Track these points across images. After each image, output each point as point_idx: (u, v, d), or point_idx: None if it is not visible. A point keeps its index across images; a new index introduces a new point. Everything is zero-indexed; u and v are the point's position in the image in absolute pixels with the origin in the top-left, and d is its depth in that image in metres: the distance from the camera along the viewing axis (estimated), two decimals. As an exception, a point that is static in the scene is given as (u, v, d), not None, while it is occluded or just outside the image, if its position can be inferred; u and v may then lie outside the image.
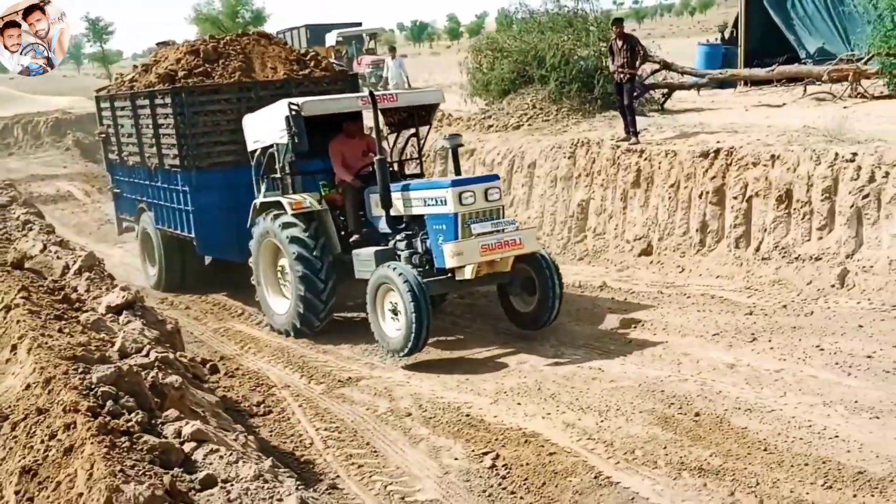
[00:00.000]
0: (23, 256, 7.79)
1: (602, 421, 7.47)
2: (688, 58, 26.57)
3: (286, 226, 10.56)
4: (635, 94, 15.64)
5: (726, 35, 26.23)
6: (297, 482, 5.04)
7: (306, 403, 8.59)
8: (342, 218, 10.86)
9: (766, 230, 12.20)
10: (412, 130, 11.74)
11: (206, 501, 3.60)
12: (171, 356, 5.83)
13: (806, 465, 6.31)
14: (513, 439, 7.31)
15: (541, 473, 6.68)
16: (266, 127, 11.04)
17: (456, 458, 7.10)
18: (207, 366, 9.52)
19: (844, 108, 17.43)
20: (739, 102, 19.85)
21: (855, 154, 11.61)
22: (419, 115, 11.59)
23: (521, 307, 10.28)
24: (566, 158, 15.67)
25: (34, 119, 39.29)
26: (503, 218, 9.80)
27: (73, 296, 6.88)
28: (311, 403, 8.59)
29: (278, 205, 10.82)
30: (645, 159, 14.24)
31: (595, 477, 6.51)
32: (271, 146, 11.00)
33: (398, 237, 10.24)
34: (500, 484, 6.62)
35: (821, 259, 11.37)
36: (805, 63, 20.86)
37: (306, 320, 10.61)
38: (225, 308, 12.88)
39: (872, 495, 5.81)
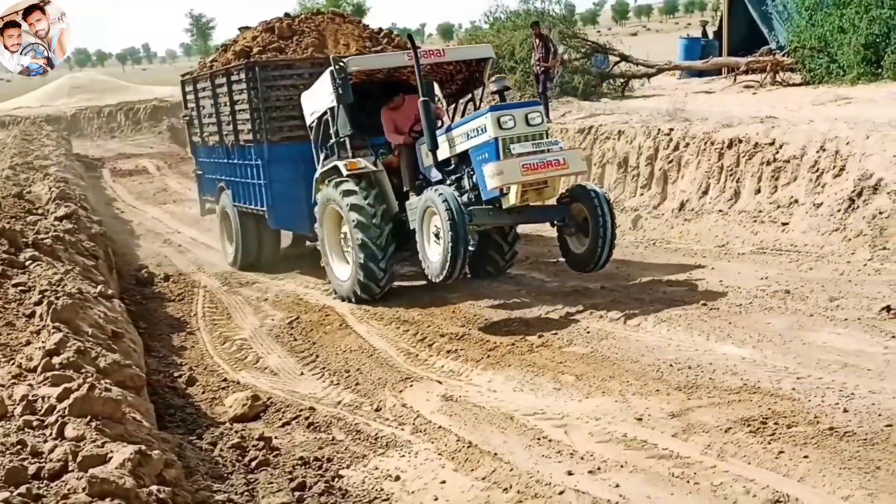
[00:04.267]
0: (21, 189, 12.11)
1: (378, 304, 11.15)
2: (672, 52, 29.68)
3: (345, 193, 10.65)
4: (550, 81, 19.06)
5: (709, 31, 29.05)
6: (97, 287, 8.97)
7: (208, 295, 12.61)
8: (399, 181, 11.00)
9: (609, 189, 15.63)
10: (469, 97, 12.01)
11: (27, 274, 7.64)
12: (72, 226, 10.00)
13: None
14: (314, 310, 11.15)
15: (315, 325, 10.50)
16: (318, 95, 11.27)
17: (272, 320, 10.99)
18: (163, 276, 13.78)
19: (753, 94, 20.63)
20: (690, 90, 23.04)
21: (671, 129, 14.94)
22: (473, 77, 11.79)
23: (575, 248, 10.18)
24: (504, 135, 19.29)
25: (135, 106, 44.78)
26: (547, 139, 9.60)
27: (40, 210, 11.11)
28: (212, 295, 12.60)
29: (338, 171, 10.92)
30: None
31: (341, 325, 10.32)
32: (325, 113, 11.18)
33: (448, 180, 10.23)
34: (288, 331, 10.44)
35: (637, 210, 14.76)
36: (775, 53, 23.64)
37: (366, 286, 10.75)
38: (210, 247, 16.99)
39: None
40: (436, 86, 12.50)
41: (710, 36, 28.49)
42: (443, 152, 10.22)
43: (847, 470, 5.20)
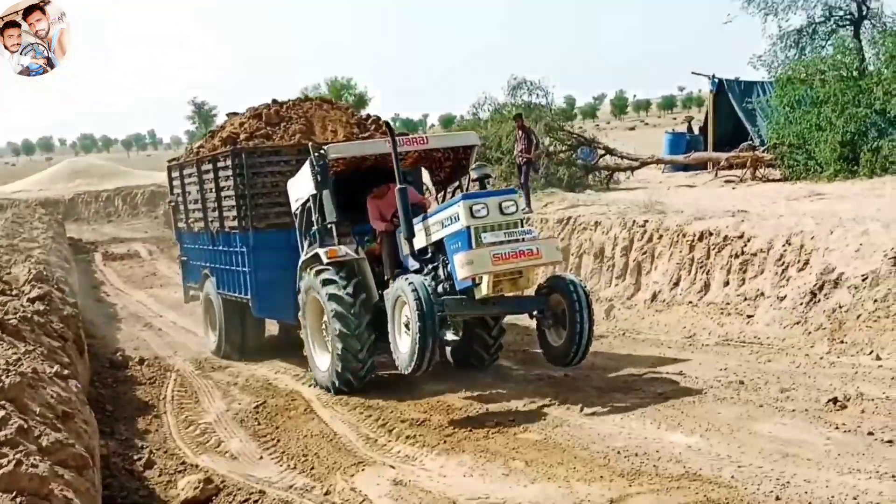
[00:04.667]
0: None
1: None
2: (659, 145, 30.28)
3: (325, 282, 10.48)
4: (535, 171, 19.46)
5: (695, 127, 29.68)
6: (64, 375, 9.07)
7: (180, 379, 12.68)
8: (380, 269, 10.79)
9: (585, 279, 15.80)
10: (457, 184, 11.81)
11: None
12: (43, 307, 10.14)
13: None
14: (282, 394, 11.21)
15: (280, 410, 10.54)
16: (302, 182, 11.17)
17: (239, 404, 11.03)
18: (138, 359, 13.85)
19: (733, 188, 21.00)
20: (672, 184, 23.50)
21: (646, 221, 15.19)
22: (460, 165, 11.58)
23: (553, 341, 9.97)
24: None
25: (133, 191, 45.39)
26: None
27: (14, 291, 11.27)
28: (183, 379, 12.67)
29: (319, 259, 10.70)
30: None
31: (305, 410, 10.38)
32: (308, 200, 11.07)
33: (425, 269, 10.07)
34: (253, 416, 10.48)
35: (611, 300, 14.90)
36: (756, 149, 24.15)
37: (344, 378, 10.50)
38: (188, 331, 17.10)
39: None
40: (425, 173, 12.61)
41: (696, 131, 29.07)
42: (419, 241, 10.08)
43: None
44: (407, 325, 9.25)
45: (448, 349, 11.40)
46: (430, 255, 10.09)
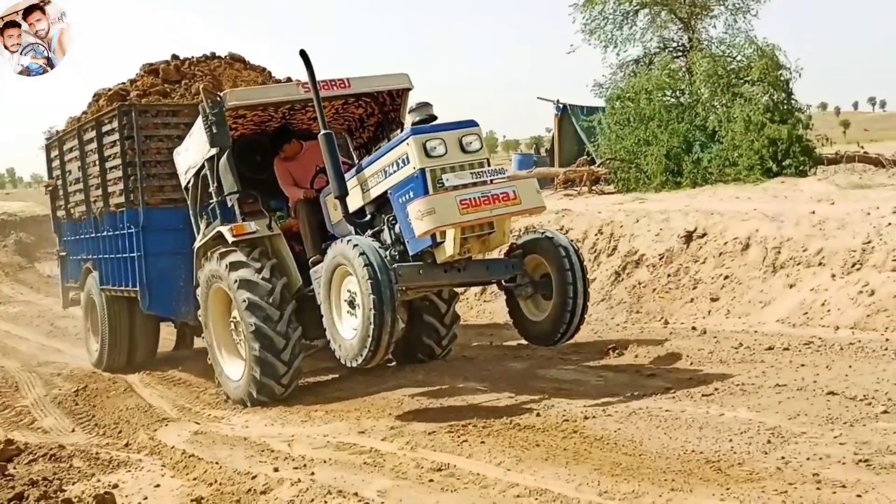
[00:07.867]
0: None
1: (168, 369, 11.35)
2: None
3: (233, 266, 8.30)
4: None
5: (542, 149, 30.92)
6: None
7: (3, 373, 12.52)
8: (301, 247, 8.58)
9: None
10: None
11: None
12: None
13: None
14: (104, 380, 11.22)
15: (100, 392, 10.53)
16: (194, 146, 8.99)
17: (60, 390, 10.95)
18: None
19: (570, 200, 21.88)
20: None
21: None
22: (388, 118, 9.30)
23: (532, 315, 7.87)
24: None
25: (-20, 221, 43.81)
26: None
27: None
28: (6, 373, 12.49)
29: (223, 239, 8.57)
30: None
31: (125, 390, 10.48)
32: (203, 167, 8.84)
33: (364, 236, 7.62)
34: (72, 398, 10.37)
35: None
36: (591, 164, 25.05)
37: (264, 386, 8.27)
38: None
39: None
40: (347, 139, 10.02)
41: (543, 153, 30.21)
42: (354, 200, 7.81)
43: (511, 448, 5.82)
44: (351, 303, 7.17)
45: None
46: (368, 216, 7.86)
